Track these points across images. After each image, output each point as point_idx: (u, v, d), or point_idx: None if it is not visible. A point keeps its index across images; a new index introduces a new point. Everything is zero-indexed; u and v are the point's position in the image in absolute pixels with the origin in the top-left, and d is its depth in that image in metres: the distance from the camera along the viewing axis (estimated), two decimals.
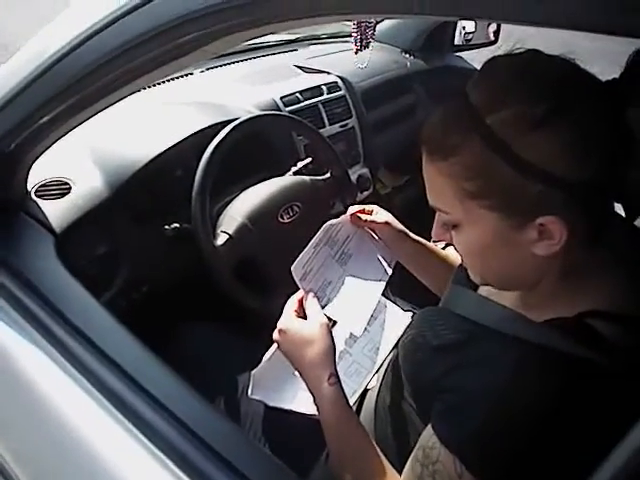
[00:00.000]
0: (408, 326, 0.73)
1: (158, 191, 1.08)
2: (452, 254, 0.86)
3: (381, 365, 0.84)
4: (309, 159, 1.21)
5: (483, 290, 0.67)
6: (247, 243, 1.01)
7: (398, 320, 0.89)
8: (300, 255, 0.76)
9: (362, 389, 0.82)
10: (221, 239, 0.99)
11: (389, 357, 0.84)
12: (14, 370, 0.78)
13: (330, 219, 0.82)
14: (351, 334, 0.87)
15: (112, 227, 1.01)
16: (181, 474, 0.61)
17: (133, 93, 0.72)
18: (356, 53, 1.27)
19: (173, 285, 1.08)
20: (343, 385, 0.68)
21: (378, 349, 0.87)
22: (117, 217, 1.01)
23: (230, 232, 1.00)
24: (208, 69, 1.52)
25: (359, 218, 0.83)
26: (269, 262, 1.04)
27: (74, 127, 0.81)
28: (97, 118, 0.78)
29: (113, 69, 0.64)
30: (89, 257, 0.97)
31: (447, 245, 0.62)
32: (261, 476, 0.62)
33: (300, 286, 0.74)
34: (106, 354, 0.73)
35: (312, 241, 0.78)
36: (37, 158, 0.89)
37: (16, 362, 0.78)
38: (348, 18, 0.61)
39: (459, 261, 0.70)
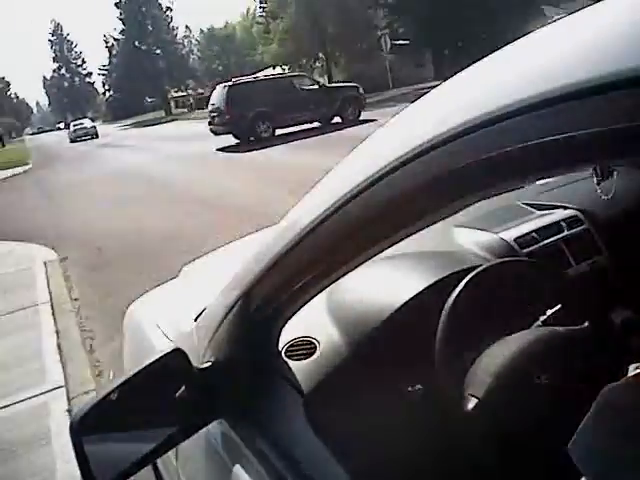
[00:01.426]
0: None
1: (398, 348, 1.05)
2: None
3: None
4: (558, 306, 1.09)
5: None
6: (501, 408, 0.90)
7: None
8: None
9: None
10: (470, 404, 0.91)
11: None
12: None
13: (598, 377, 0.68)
14: None
15: (355, 387, 1.00)
16: None
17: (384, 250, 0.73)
18: (598, 184, 1.16)
19: (415, 452, 1.00)
20: None
21: None
22: (360, 376, 1.00)
23: (479, 395, 0.91)
24: None
25: None
26: (529, 435, 0.90)
27: (325, 287, 0.85)
28: None
29: (377, 228, 0.65)
30: (335, 419, 0.96)
31: None
32: None
33: None
34: None
35: None
36: (289, 319, 0.95)
37: None
38: None
39: None
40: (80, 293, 4.69)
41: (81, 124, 41.40)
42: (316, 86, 17.59)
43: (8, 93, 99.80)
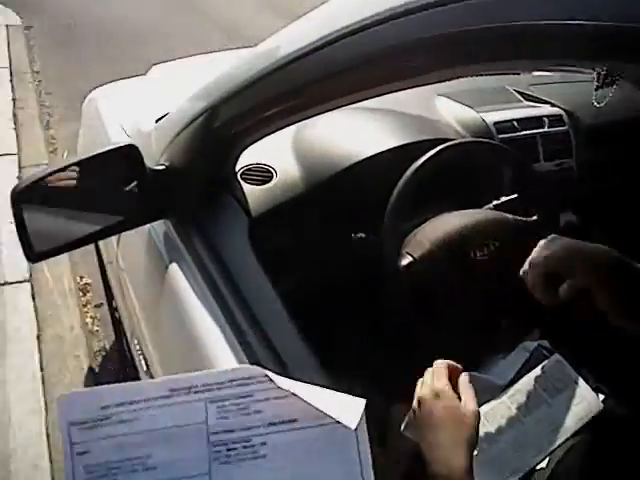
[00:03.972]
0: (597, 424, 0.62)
1: (352, 196, 1.07)
2: None
3: (556, 448, 0.73)
4: (515, 195, 1.11)
5: None
6: (431, 271, 0.96)
7: (586, 402, 0.77)
8: None
9: (527, 468, 0.73)
10: (405, 260, 0.95)
11: (570, 442, 0.73)
12: (191, 327, 0.86)
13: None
14: (527, 402, 0.77)
15: (302, 222, 1.03)
16: None
17: (359, 101, 0.71)
18: (596, 90, 1.12)
19: (347, 292, 1.07)
20: (504, 458, 0.59)
21: (557, 428, 0.75)
22: (309, 213, 1.03)
23: (415, 256, 0.96)
24: None
25: None
26: (449, 298, 0.97)
27: (293, 123, 0.83)
28: None
29: (351, 77, 0.62)
30: (276, 246, 0.99)
31: None
32: None
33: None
34: (271, 342, 0.74)
35: None
36: (251, 145, 0.94)
37: (194, 323, 0.86)
38: None
39: None
40: (42, 67, 4.41)
41: None
42: None
43: None
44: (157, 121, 1.19)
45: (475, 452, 0.59)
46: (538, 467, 0.73)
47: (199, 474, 0.40)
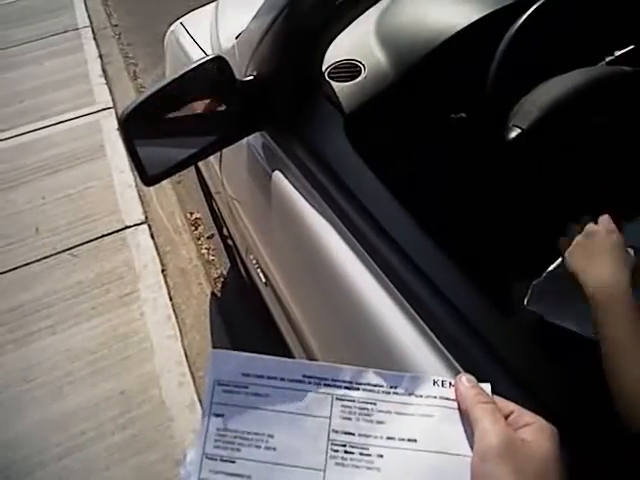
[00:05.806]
0: None
1: (446, 77, 1.01)
2: None
3: None
4: (630, 47, 0.99)
5: None
6: (543, 142, 0.89)
7: None
8: None
9: None
10: (513, 133, 0.89)
11: None
12: (302, 227, 0.89)
13: None
14: None
15: (398, 111, 0.99)
16: (452, 359, 0.61)
17: None
18: None
19: (453, 175, 1.03)
20: None
21: None
22: (403, 101, 0.99)
23: (524, 127, 0.89)
24: None
25: None
26: (565, 170, 0.89)
27: (371, 5, 0.79)
28: None
29: None
30: (374, 138, 0.97)
31: None
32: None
33: None
34: (383, 229, 0.75)
35: None
36: (333, 39, 0.90)
37: (304, 223, 0.88)
38: None
39: None
40: (119, 19, 4.51)
41: None
42: None
43: None
44: (237, 37, 1.18)
45: None
46: None
47: (314, 468, 0.40)
